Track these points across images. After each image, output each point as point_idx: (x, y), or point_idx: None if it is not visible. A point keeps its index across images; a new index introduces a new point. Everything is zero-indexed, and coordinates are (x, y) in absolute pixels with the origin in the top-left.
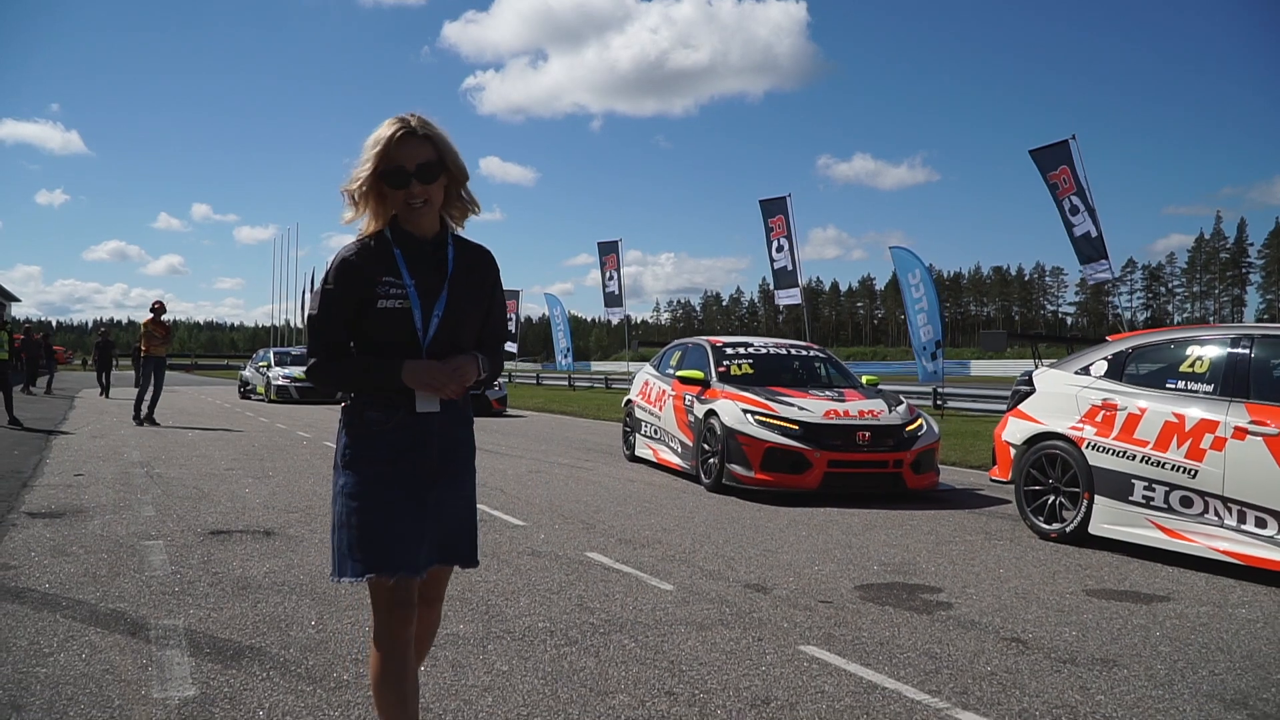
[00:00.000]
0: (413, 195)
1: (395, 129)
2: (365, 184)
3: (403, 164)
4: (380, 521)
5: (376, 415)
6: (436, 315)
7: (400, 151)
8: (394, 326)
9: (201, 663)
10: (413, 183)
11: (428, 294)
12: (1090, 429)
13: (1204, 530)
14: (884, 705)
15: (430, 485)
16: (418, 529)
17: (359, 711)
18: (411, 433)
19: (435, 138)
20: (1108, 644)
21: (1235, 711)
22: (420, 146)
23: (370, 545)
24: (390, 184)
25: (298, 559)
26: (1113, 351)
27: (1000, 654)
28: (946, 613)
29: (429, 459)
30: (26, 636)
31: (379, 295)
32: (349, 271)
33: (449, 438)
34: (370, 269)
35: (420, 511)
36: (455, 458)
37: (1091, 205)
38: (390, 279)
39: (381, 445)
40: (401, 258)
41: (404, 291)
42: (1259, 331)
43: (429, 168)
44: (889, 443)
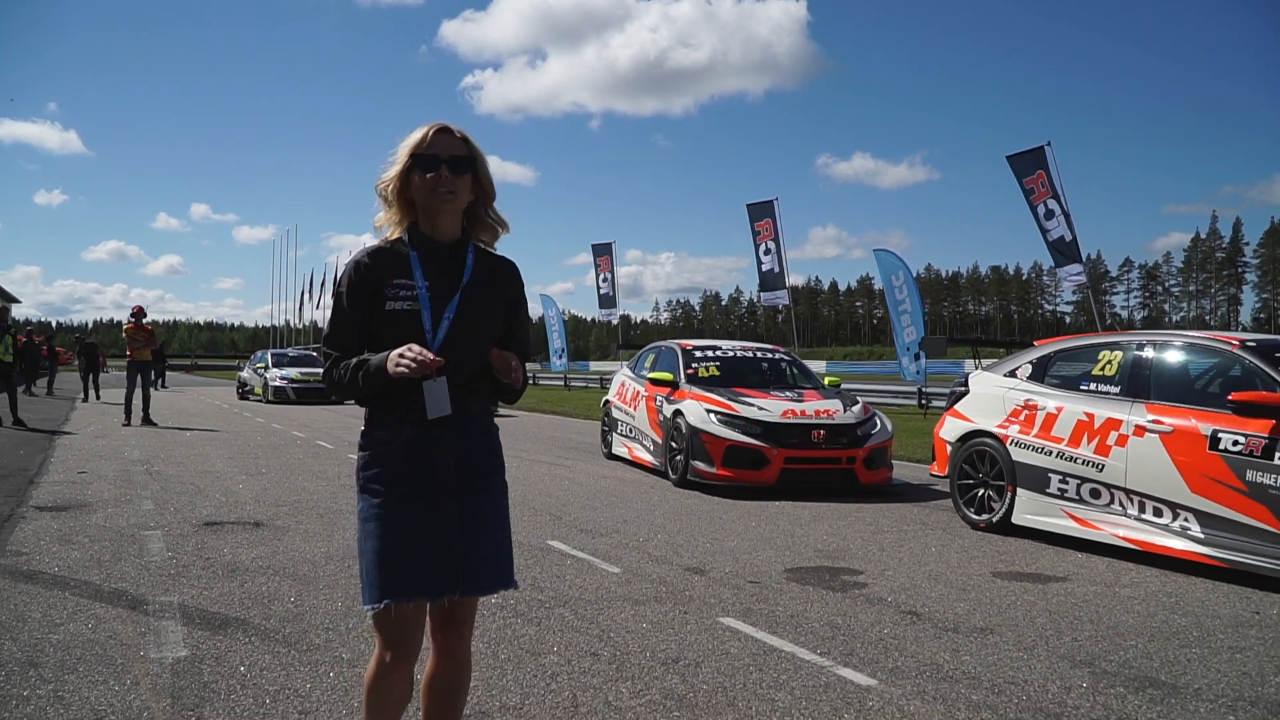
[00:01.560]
0: (440, 181)
1: (433, 126)
2: (397, 179)
3: (436, 152)
4: (394, 546)
5: (383, 434)
6: (447, 319)
7: (435, 143)
8: (402, 329)
9: (192, 630)
10: (443, 168)
11: (440, 297)
12: (1014, 427)
13: (1110, 519)
14: (776, 663)
15: (449, 502)
16: (435, 550)
17: (325, 669)
18: (421, 448)
19: (471, 143)
20: (992, 616)
21: (1079, 669)
22: (455, 143)
23: (385, 571)
24: (421, 168)
25: (283, 546)
26: (1037, 356)
27: (894, 624)
28: (860, 591)
29: (444, 474)
30: (39, 610)
31: (388, 297)
32: (360, 273)
33: (465, 450)
34: (382, 271)
35: (439, 531)
36: (476, 470)
37: (1066, 210)
38: (401, 280)
39: (396, 464)
40: (417, 260)
41: (413, 293)
42: (1160, 337)
43: (460, 160)
44: (843, 440)
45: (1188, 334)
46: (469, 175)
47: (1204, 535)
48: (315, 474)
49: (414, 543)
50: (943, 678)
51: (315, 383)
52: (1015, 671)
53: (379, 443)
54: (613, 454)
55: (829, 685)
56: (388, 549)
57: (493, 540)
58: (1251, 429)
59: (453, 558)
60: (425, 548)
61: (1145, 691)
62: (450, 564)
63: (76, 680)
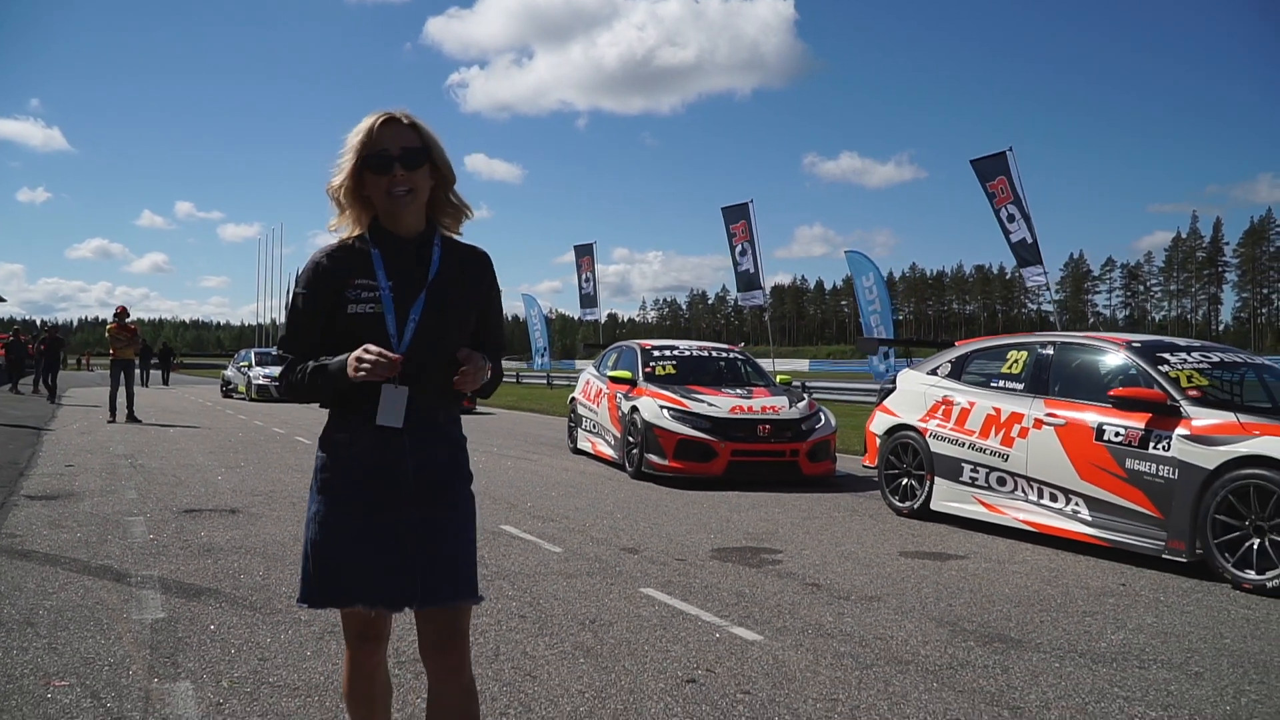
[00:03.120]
0: (396, 181)
1: (378, 116)
2: (348, 179)
3: (386, 148)
4: (342, 551)
5: (343, 436)
6: (413, 320)
7: (383, 136)
8: (365, 333)
9: (170, 598)
10: (396, 167)
11: (404, 297)
12: (934, 421)
13: (1014, 504)
14: (680, 624)
15: (404, 511)
16: (386, 560)
17: (285, 628)
18: (381, 454)
19: (420, 128)
20: (883, 587)
21: (943, 628)
22: (404, 133)
23: (331, 575)
24: (373, 169)
25: (255, 530)
26: (955, 355)
27: (794, 593)
28: (773, 567)
29: (402, 482)
30: (34, 581)
31: (349, 300)
32: (319, 275)
33: (427, 459)
34: (343, 271)
35: (390, 540)
36: (436, 481)
37: (1027, 213)
38: (363, 281)
39: (350, 468)
40: (379, 258)
41: (376, 295)
42: (1060, 339)
43: (413, 153)
44: (787, 435)
45: (1084, 336)
46: (426, 166)
47: (1092, 518)
48: (291, 467)
49: (360, 549)
50: (820, 634)
51: None
52: (885, 630)
53: (337, 445)
54: (578, 449)
55: (720, 640)
56: (331, 553)
57: (450, 552)
58: (1131, 422)
59: (403, 568)
60: (372, 555)
61: (991, 645)
62: (401, 574)
63: (68, 636)
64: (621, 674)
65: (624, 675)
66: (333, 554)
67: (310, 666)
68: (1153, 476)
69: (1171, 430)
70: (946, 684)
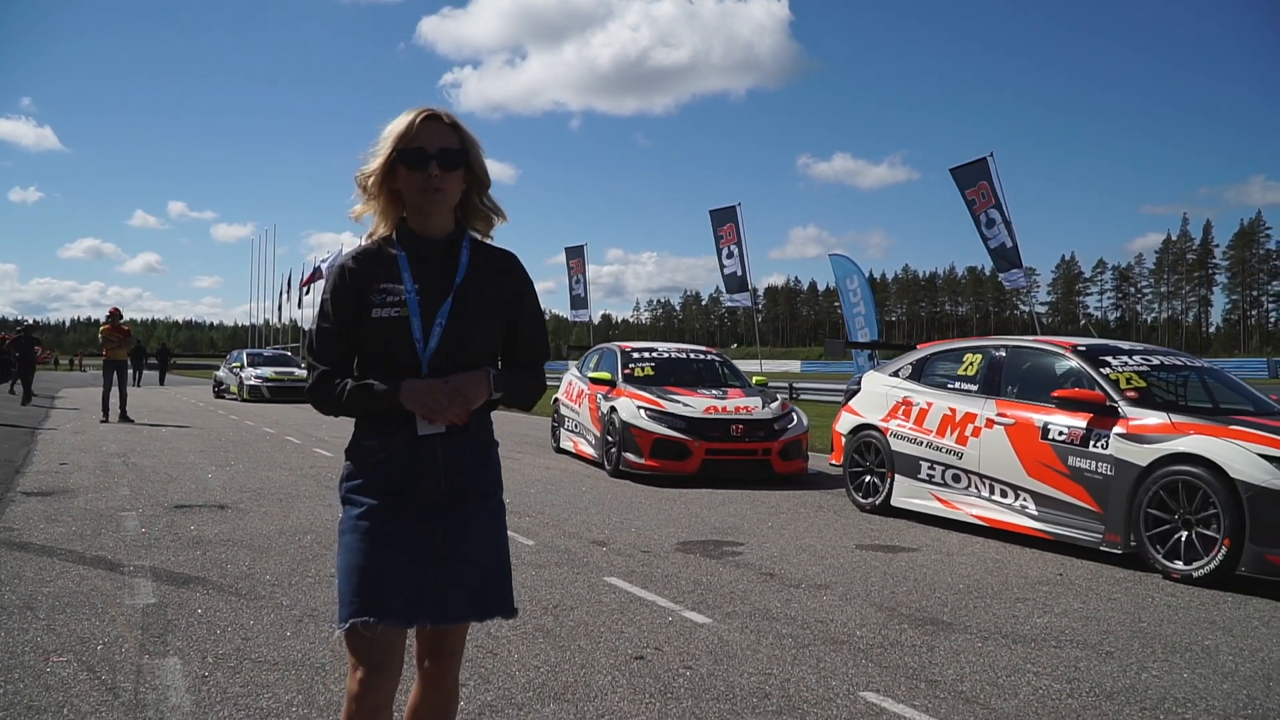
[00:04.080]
0: (429, 179)
1: (420, 112)
2: (380, 171)
3: (424, 145)
4: (370, 563)
5: (372, 444)
6: (439, 325)
7: (422, 132)
8: (390, 338)
9: (160, 585)
10: (432, 165)
11: (430, 301)
12: (894, 421)
13: (967, 500)
14: (636, 609)
15: (437, 521)
16: (413, 573)
17: (267, 611)
18: (411, 461)
19: (461, 129)
20: (833, 577)
21: (881, 613)
22: (445, 132)
23: (359, 589)
24: (407, 163)
25: (243, 524)
26: (917, 358)
27: (748, 582)
28: (733, 558)
29: (434, 491)
30: (32, 570)
31: (373, 304)
32: (345, 280)
33: (459, 466)
34: (368, 275)
35: (421, 552)
36: (470, 489)
37: (1008, 218)
38: (388, 285)
39: (379, 477)
40: (405, 261)
41: (401, 299)
42: (1012, 342)
43: (451, 154)
44: (760, 434)
45: (1034, 340)
46: (462, 169)
47: (1038, 513)
48: (280, 465)
49: (391, 562)
50: (766, 617)
51: (289, 381)
52: (828, 614)
53: (365, 453)
54: (560, 448)
55: (672, 623)
56: (363, 566)
57: (480, 565)
58: (1074, 421)
59: (430, 581)
60: (403, 568)
61: (923, 627)
62: (427, 588)
63: (65, 618)
64: (576, 652)
65: (578, 653)
66: (364, 565)
67: (289, 645)
68: (1092, 473)
69: (1110, 429)
70: (874, 660)
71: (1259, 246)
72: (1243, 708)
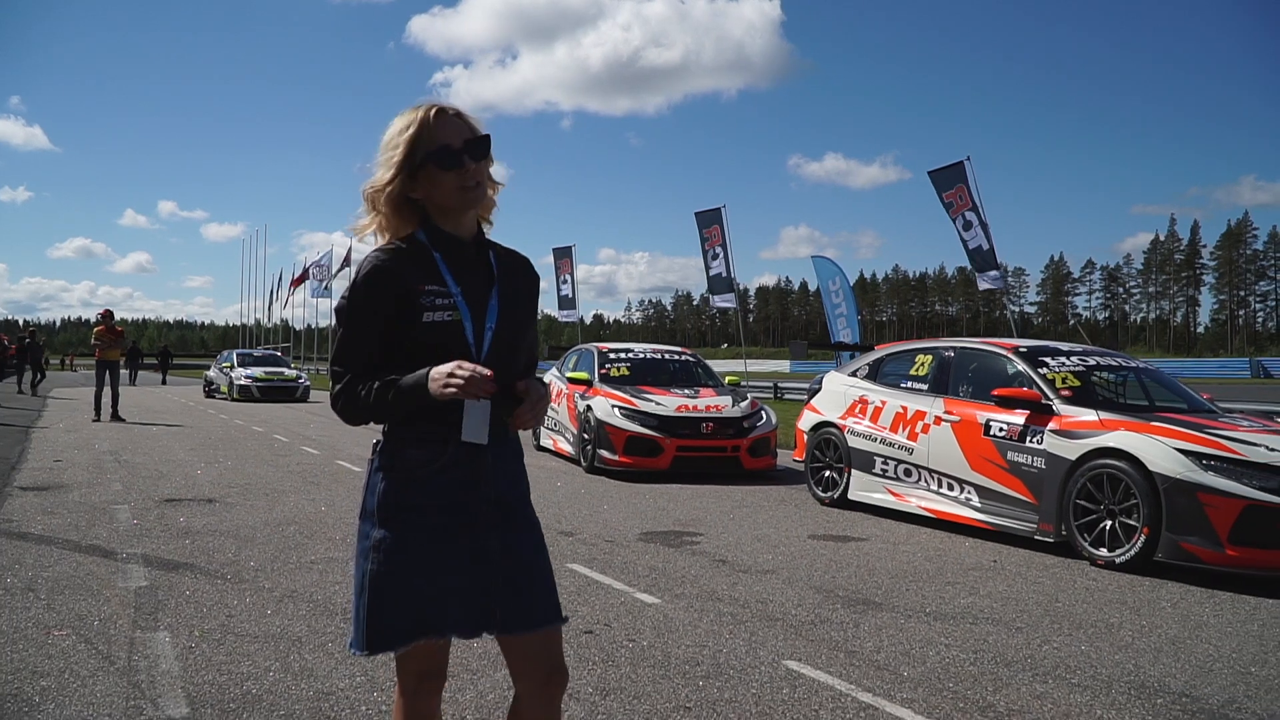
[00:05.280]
0: (468, 175)
1: (429, 108)
2: (398, 183)
3: (449, 142)
4: (414, 579)
5: (420, 454)
6: (489, 328)
7: (441, 129)
8: (443, 343)
9: (151, 570)
10: (466, 160)
11: (477, 304)
12: (851, 419)
13: (918, 493)
14: (592, 592)
15: (488, 532)
16: (462, 583)
17: (250, 594)
18: (464, 471)
19: (465, 115)
20: (782, 563)
21: (818, 594)
22: (460, 124)
23: (400, 608)
24: (439, 164)
25: (230, 517)
26: (874, 358)
27: (700, 568)
28: (691, 547)
29: (482, 501)
30: (32, 557)
31: (424, 307)
32: (383, 279)
33: (505, 473)
34: (409, 275)
35: (467, 563)
36: (512, 498)
37: (985, 221)
38: (435, 287)
39: (429, 490)
40: (443, 262)
41: (451, 301)
42: (960, 344)
43: (478, 144)
44: (729, 432)
45: (980, 341)
46: (488, 157)
47: (980, 505)
48: (267, 462)
49: (435, 574)
50: (710, 599)
51: (279, 381)
52: (769, 595)
53: (415, 465)
54: (541, 446)
55: (623, 603)
56: (401, 583)
57: (537, 572)
58: (1012, 418)
59: (481, 591)
60: (448, 579)
61: (854, 607)
62: (479, 598)
63: (64, 599)
64: None
65: None
66: (403, 584)
67: (270, 621)
68: (1028, 467)
69: (1045, 426)
70: (802, 635)
71: (1246, 247)
72: (1126, 675)
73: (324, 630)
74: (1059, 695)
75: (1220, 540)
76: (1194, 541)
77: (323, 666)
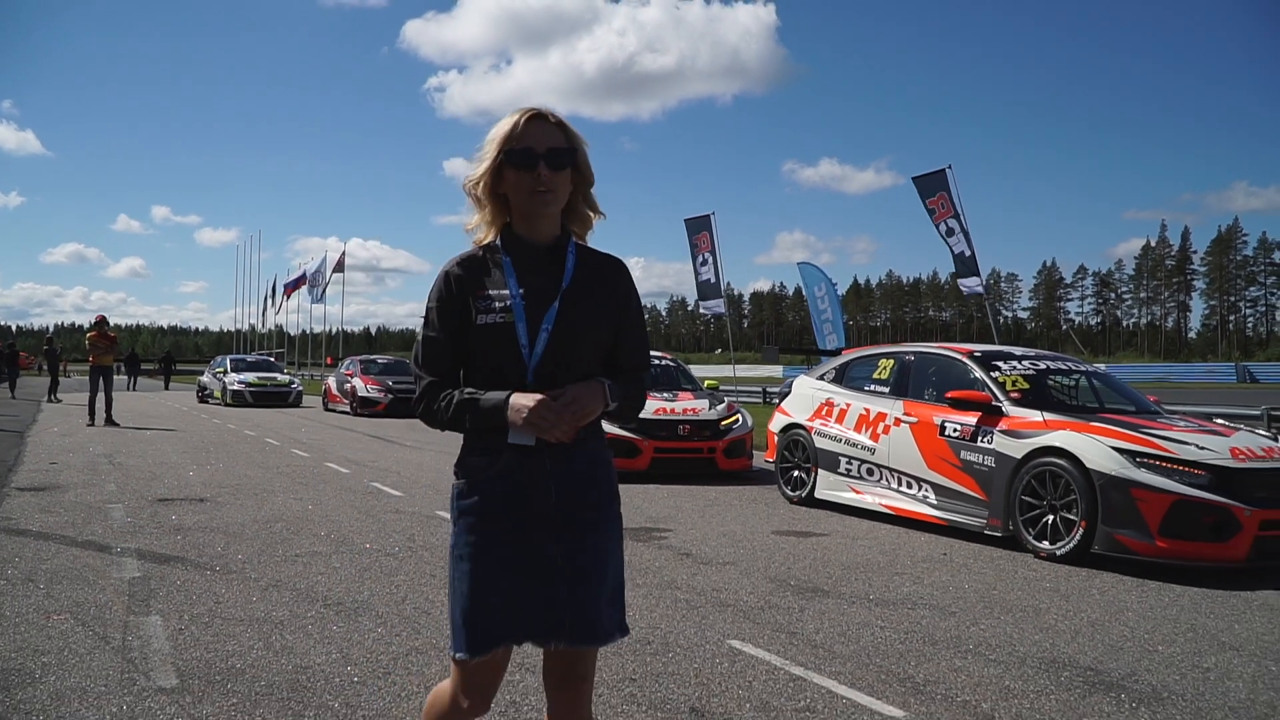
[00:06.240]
0: (539, 180)
1: (524, 112)
2: (488, 176)
3: (531, 145)
4: (488, 586)
5: (479, 460)
6: (545, 330)
7: (529, 133)
8: (494, 345)
9: (144, 563)
10: (540, 165)
11: (536, 306)
12: (818, 420)
13: (878, 491)
14: None
15: (551, 540)
16: (532, 593)
17: (238, 584)
18: (520, 475)
19: (567, 128)
20: (742, 556)
21: (771, 584)
22: (551, 131)
23: (477, 613)
24: (515, 165)
25: (220, 514)
26: (840, 362)
27: (664, 561)
28: (659, 542)
29: (543, 505)
30: (31, 551)
31: (478, 309)
32: (451, 286)
33: (571, 478)
34: (472, 280)
35: (538, 571)
36: (583, 503)
37: (966, 228)
38: (493, 291)
39: (489, 494)
40: (510, 265)
41: (506, 304)
42: (918, 349)
43: (560, 153)
44: (705, 434)
45: (939, 346)
46: (569, 169)
47: (937, 502)
48: (258, 464)
49: (510, 583)
50: (669, 587)
51: (272, 386)
52: (725, 584)
53: (475, 470)
54: None
55: None
56: (480, 589)
57: (601, 582)
58: (966, 419)
59: (554, 602)
60: (521, 588)
61: (803, 595)
62: (551, 609)
63: (62, 588)
64: None
65: None
66: (483, 587)
67: (254, 606)
68: (979, 465)
69: (995, 426)
70: (750, 619)
71: (1236, 253)
72: (1042, 653)
73: (305, 615)
74: (974, 669)
75: (1151, 533)
76: (1127, 534)
77: (301, 645)
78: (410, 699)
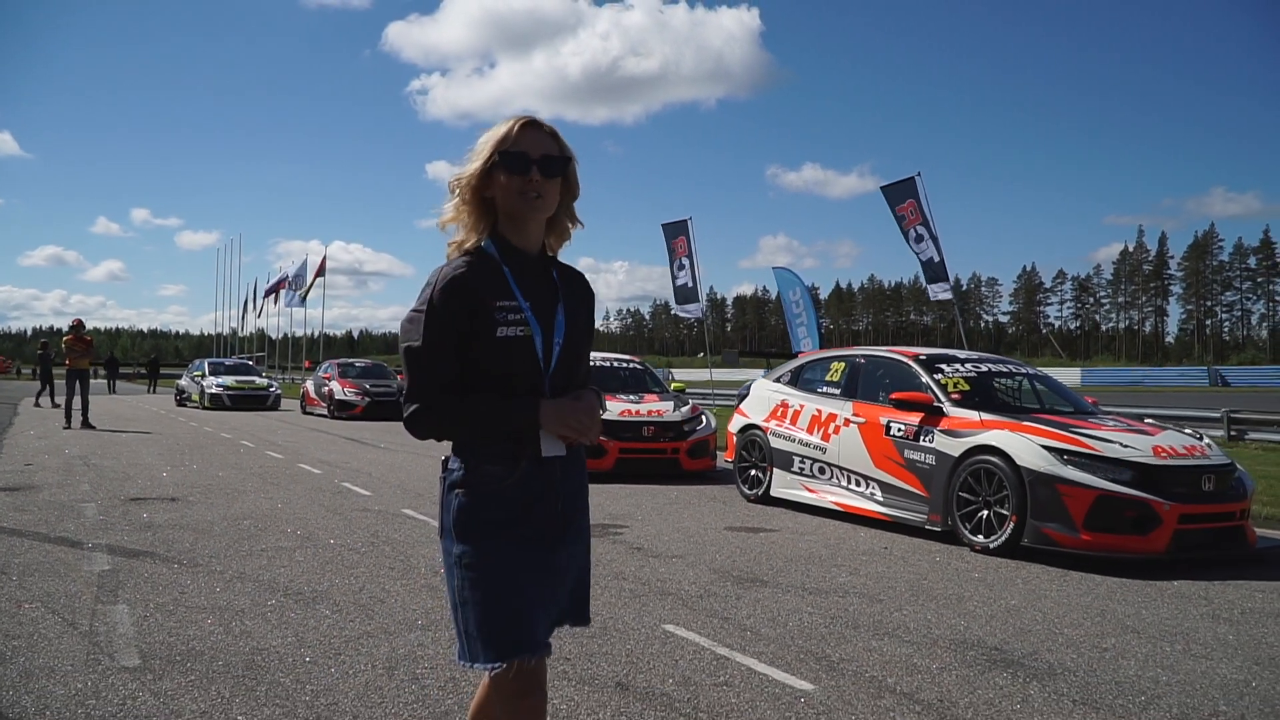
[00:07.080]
0: (529, 185)
1: (520, 119)
2: (477, 176)
3: (525, 150)
4: (514, 595)
5: (497, 469)
6: (557, 344)
7: (524, 138)
8: (514, 358)
9: (115, 557)
10: (533, 170)
11: (545, 319)
12: (774, 421)
13: (830, 489)
14: None
15: (558, 542)
16: (547, 596)
17: (204, 576)
18: (536, 484)
19: (561, 139)
20: (691, 550)
21: (715, 575)
22: (545, 140)
23: (507, 625)
24: (508, 167)
25: (191, 513)
26: (796, 365)
27: (617, 554)
28: (615, 537)
29: (554, 512)
30: (4, 546)
31: (497, 322)
32: (461, 292)
33: (571, 485)
34: (484, 289)
35: (548, 575)
36: (579, 507)
37: (935, 234)
38: (507, 303)
39: (505, 503)
40: (511, 276)
41: (522, 316)
42: (867, 352)
43: (553, 162)
44: (669, 435)
45: (887, 350)
46: (560, 178)
47: (883, 499)
48: (232, 465)
49: (536, 591)
50: (618, 578)
51: (250, 390)
52: (672, 575)
53: (489, 479)
54: None
55: None
56: (511, 600)
57: (588, 578)
58: (909, 419)
59: (560, 600)
60: (546, 596)
61: (745, 584)
62: (559, 610)
63: (35, 580)
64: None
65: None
66: (502, 597)
67: (217, 596)
68: (921, 463)
69: (936, 426)
70: (688, 606)
71: (1212, 258)
72: (954, 635)
73: (265, 603)
74: (887, 649)
75: (1076, 526)
76: (1054, 528)
77: (259, 630)
78: (357, 676)
